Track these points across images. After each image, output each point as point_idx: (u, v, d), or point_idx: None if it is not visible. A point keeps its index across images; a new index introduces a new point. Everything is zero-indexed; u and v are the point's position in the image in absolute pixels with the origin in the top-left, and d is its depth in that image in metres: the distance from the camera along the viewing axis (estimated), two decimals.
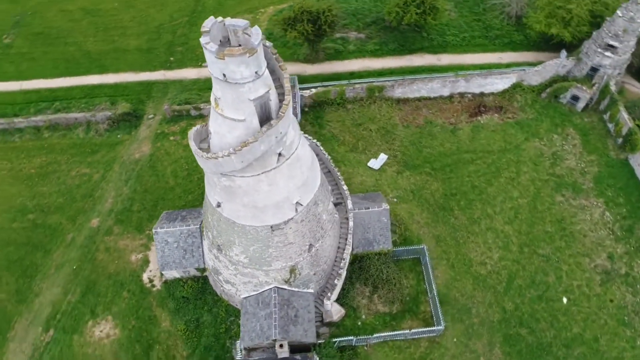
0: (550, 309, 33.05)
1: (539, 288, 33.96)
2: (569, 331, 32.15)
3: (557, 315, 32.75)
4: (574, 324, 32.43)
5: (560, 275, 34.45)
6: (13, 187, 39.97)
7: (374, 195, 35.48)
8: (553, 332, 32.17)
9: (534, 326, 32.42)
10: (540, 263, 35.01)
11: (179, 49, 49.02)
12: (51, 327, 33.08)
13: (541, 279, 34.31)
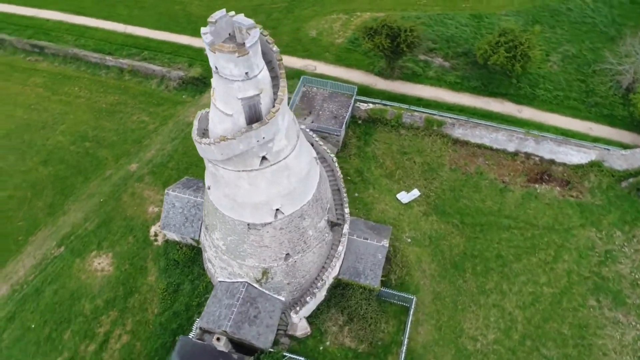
0: None
1: None
2: None
3: None
4: None
5: None
6: (84, 115, 44.77)
7: (381, 228, 33.89)
8: None
9: None
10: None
11: (267, 31, 50.45)
12: (63, 245, 36.80)
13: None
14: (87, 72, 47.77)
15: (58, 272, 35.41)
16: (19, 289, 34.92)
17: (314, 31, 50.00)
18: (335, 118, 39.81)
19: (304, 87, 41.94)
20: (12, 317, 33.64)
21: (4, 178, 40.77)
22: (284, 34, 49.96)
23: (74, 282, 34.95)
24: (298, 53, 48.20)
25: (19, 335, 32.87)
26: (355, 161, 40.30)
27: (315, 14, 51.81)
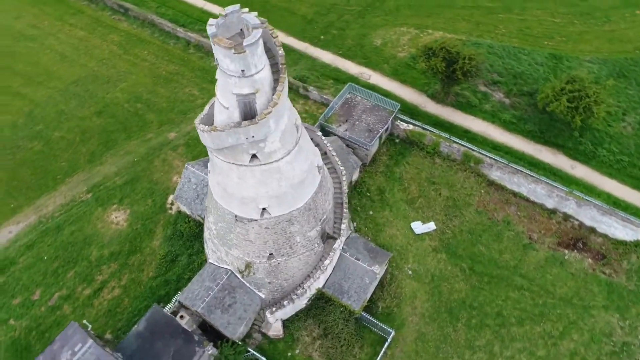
0: None
1: None
2: None
3: None
4: None
5: None
6: (144, 78, 47.63)
7: (380, 253, 32.80)
8: None
9: None
10: None
11: (333, 32, 50.48)
12: (92, 192, 39.67)
13: None
14: (159, 39, 50.68)
15: (80, 216, 38.26)
16: (44, 222, 38.22)
17: (379, 40, 49.15)
18: (370, 131, 38.94)
19: (348, 94, 41.42)
20: (31, 245, 36.94)
21: (62, 119, 44.65)
22: (349, 37, 49.66)
23: (90, 228, 37.58)
24: (357, 59, 47.71)
25: (31, 263, 36.04)
26: (380, 179, 39.24)
27: (386, 23, 50.86)
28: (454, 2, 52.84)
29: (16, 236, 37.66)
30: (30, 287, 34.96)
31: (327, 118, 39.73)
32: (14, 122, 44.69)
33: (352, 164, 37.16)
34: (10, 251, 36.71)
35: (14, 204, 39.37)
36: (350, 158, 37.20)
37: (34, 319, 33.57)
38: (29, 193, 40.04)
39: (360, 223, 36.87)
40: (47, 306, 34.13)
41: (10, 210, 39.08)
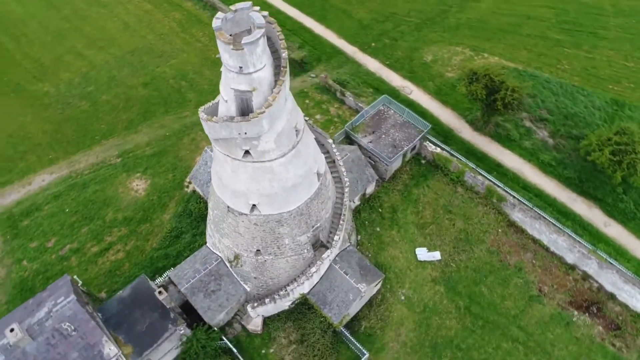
0: None
1: None
2: None
3: None
4: None
5: None
6: (194, 58, 49.40)
7: (373, 272, 31.95)
8: None
9: None
10: None
11: (385, 40, 49.66)
12: (121, 157, 41.82)
13: None
14: None
15: (105, 178, 40.45)
16: (73, 177, 40.80)
17: (430, 56, 47.77)
18: (394, 147, 37.98)
19: (381, 106, 40.61)
20: (57, 196, 39.58)
21: (111, 85, 47.35)
22: (400, 48, 48.68)
23: (112, 191, 39.64)
24: (402, 72, 46.70)
25: (54, 212, 38.61)
26: (396, 197, 38.23)
27: (442, 40, 49.30)
28: (520, 29, 50.26)
29: (47, 185, 40.49)
30: (48, 235, 37.46)
31: (354, 126, 39.22)
32: (71, 80, 47.97)
33: (368, 176, 36.45)
34: (38, 198, 39.55)
35: (52, 155, 42.32)
36: (367, 170, 36.49)
37: (44, 264, 35.97)
38: (68, 148, 42.86)
39: (365, 237, 36.19)
40: (58, 255, 36.43)
41: (48, 161, 42.04)
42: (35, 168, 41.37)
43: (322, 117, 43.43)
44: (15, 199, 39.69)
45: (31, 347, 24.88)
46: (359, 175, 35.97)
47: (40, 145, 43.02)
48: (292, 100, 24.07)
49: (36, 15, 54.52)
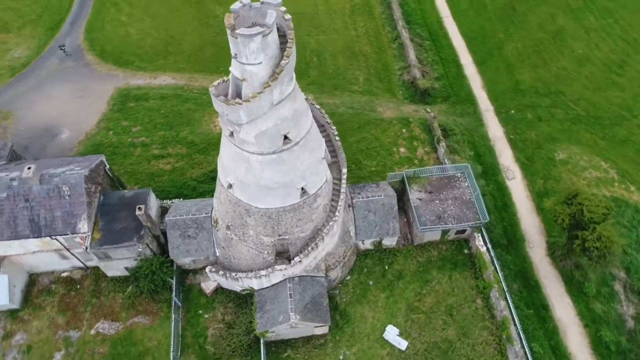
0: None
1: None
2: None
3: None
4: None
5: None
6: (339, 43, 50.50)
7: (320, 312, 30.13)
8: None
9: None
10: None
11: (528, 115, 43.57)
12: None
13: None
14: (380, 18, 52.43)
15: (203, 103, 44.96)
16: (184, 89, 46.49)
17: (563, 154, 40.55)
18: (438, 218, 34.09)
19: (458, 173, 36.37)
20: (163, 97, 45.67)
21: None
22: (537, 129, 42.50)
23: (199, 115, 44.12)
24: (520, 153, 40.91)
25: (153, 108, 44.73)
26: (411, 265, 34.66)
27: (591, 145, 41.19)
28: None
29: (164, 85, 46.97)
30: (137, 122, 43.81)
31: (415, 175, 36.20)
32: None
33: (390, 229, 33.71)
34: (152, 91, 46.16)
35: (183, 65, 48.73)
36: (391, 222, 33.71)
37: (119, 141, 41.95)
38: (196, 65, 48.78)
39: (353, 282, 34.11)
40: (132, 140, 42.51)
41: (177, 68, 48.47)
42: (166, 68, 48.29)
43: (405, 152, 40.96)
44: (139, 83, 47.22)
45: (36, 188, 30.46)
46: (380, 221, 33.53)
47: (182, 54, 49.78)
48: (296, 110, 23.55)
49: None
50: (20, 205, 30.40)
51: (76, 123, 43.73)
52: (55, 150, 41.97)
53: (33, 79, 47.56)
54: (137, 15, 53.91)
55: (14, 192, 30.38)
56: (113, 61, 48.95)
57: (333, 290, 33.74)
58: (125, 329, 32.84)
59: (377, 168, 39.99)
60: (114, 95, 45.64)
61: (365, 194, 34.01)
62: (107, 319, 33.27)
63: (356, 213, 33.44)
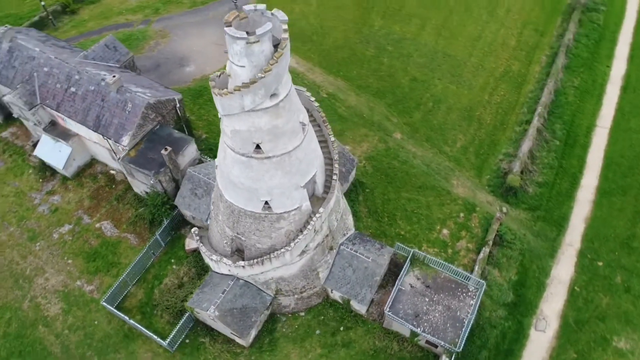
0: None
1: None
2: None
3: None
4: None
5: None
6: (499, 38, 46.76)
7: (242, 323, 29.92)
8: None
9: None
10: None
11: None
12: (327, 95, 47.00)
13: None
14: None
15: None
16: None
17: (625, 344, 31.67)
18: (415, 316, 30.26)
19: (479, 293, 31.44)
20: None
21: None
22: (592, 301, 33.66)
23: None
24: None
25: None
26: (358, 336, 31.69)
27: None
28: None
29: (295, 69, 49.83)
30: None
31: (426, 260, 32.40)
32: (389, 32, 53.37)
33: (361, 294, 31.16)
34: None
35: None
36: (365, 289, 31.07)
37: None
38: (326, 63, 50.45)
39: (304, 317, 32.71)
40: None
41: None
42: (297, 51, 50.71)
43: (446, 236, 36.79)
44: None
45: (112, 94, 35.89)
46: (355, 282, 31.20)
47: (319, 46, 51.62)
48: (275, 127, 23.24)
49: None
50: (97, 101, 36.36)
51: (203, 64, 49.56)
52: (175, 77, 48.44)
53: (200, 16, 55.16)
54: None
55: (98, 89, 36.40)
56: None
57: (280, 314, 32.88)
58: (118, 237, 37.23)
59: (406, 234, 36.83)
60: None
61: (357, 248, 31.89)
62: (113, 222, 38.09)
63: (337, 259, 31.69)
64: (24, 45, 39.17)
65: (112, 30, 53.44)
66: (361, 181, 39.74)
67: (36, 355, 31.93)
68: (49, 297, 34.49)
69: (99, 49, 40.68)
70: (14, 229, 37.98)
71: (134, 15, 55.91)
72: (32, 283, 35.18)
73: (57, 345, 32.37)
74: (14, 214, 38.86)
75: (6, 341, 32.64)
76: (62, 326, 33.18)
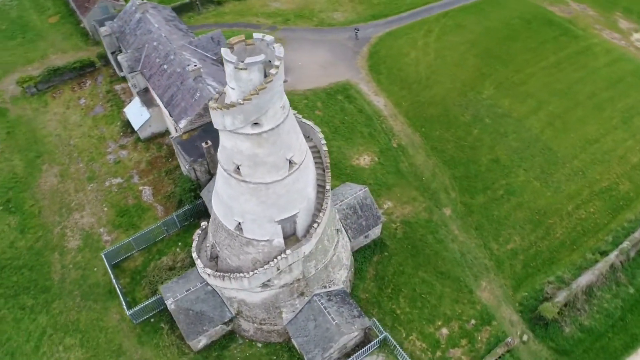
0: None
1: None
2: None
3: None
4: None
5: None
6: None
7: (191, 325, 30.31)
8: None
9: None
10: None
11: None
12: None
13: None
14: None
15: None
16: None
17: None
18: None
19: None
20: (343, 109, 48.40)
21: None
22: None
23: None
24: None
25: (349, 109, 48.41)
26: None
27: None
28: None
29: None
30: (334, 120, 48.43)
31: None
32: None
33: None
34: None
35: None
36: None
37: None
38: None
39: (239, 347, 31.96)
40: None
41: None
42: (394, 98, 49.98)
43: (445, 335, 32.82)
44: (372, 100, 50.87)
45: (189, 81, 39.27)
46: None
47: (426, 90, 50.21)
48: (256, 155, 23.13)
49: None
50: (176, 82, 40.04)
51: (297, 80, 51.19)
52: None
53: (319, 36, 57.51)
54: (431, 45, 56.09)
55: (181, 73, 39.96)
56: (370, 67, 53.60)
57: (240, 336, 32.52)
58: (149, 205, 40.44)
59: (401, 315, 33.74)
60: (332, 88, 50.83)
61: (329, 305, 30.17)
62: (152, 190, 41.51)
63: (306, 307, 30.37)
64: (149, 20, 44.96)
65: (242, 27, 58.46)
66: (385, 242, 37.42)
67: (39, 275, 36.21)
68: (75, 232, 38.91)
69: (204, 40, 44.80)
70: (82, 166, 43.68)
71: (266, 20, 60.38)
72: (70, 215, 40.05)
73: (58, 274, 36.33)
74: (89, 153, 44.69)
75: (28, 253, 37.61)
76: (70, 260, 37.14)
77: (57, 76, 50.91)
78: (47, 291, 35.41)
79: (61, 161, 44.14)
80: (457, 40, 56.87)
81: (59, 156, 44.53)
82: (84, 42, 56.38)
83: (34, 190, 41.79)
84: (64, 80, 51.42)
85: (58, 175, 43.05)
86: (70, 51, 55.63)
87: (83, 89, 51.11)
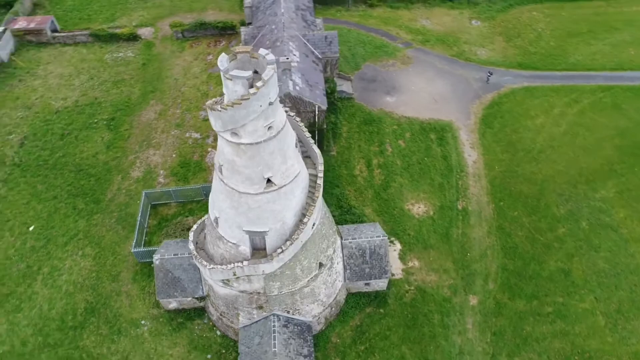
0: None
1: None
2: None
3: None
4: None
5: None
6: None
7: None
8: None
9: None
10: None
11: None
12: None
13: None
14: None
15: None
16: None
17: None
18: None
19: None
20: None
21: None
22: None
23: None
24: None
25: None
26: None
27: None
28: None
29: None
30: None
31: None
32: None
33: None
34: None
35: None
36: None
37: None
38: None
39: (201, 325, 33.04)
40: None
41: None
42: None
43: None
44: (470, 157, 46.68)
45: None
46: None
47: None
48: (234, 162, 23.27)
49: None
50: None
51: (403, 103, 49.24)
52: (371, 97, 49.83)
53: (450, 66, 53.86)
54: (568, 117, 48.47)
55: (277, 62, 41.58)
56: (484, 117, 48.63)
57: (209, 316, 33.86)
58: (207, 163, 43.71)
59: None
60: (430, 124, 47.41)
61: (281, 331, 29.43)
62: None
63: (261, 322, 30.14)
64: (280, 3, 47.24)
65: (380, 35, 57.82)
66: (387, 299, 34.84)
67: (99, 188, 42.06)
68: (141, 165, 44.09)
69: (318, 37, 45.54)
70: (178, 112, 48.81)
71: (406, 35, 58.57)
72: (147, 149, 45.36)
73: (112, 192, 41.75)
74: (189, 103, 49.61)
75: (103, 166, 43.85)
76: (126, 186, 42.29)
77: (202, 29, 57.02)
78: (97, 203, 41.07)
79: (166, 102, 49.89)
80: (603, 122, 48.06)
81: (167, 97, 50.36)
82: (239, 6, 61.73)
83: (134, 117, 48.24)
84: (206, 34, 57.37)
85: (158, 112, 48.85)
86: (225, 11, 61.64)
87: (216, 47, 56.41)
